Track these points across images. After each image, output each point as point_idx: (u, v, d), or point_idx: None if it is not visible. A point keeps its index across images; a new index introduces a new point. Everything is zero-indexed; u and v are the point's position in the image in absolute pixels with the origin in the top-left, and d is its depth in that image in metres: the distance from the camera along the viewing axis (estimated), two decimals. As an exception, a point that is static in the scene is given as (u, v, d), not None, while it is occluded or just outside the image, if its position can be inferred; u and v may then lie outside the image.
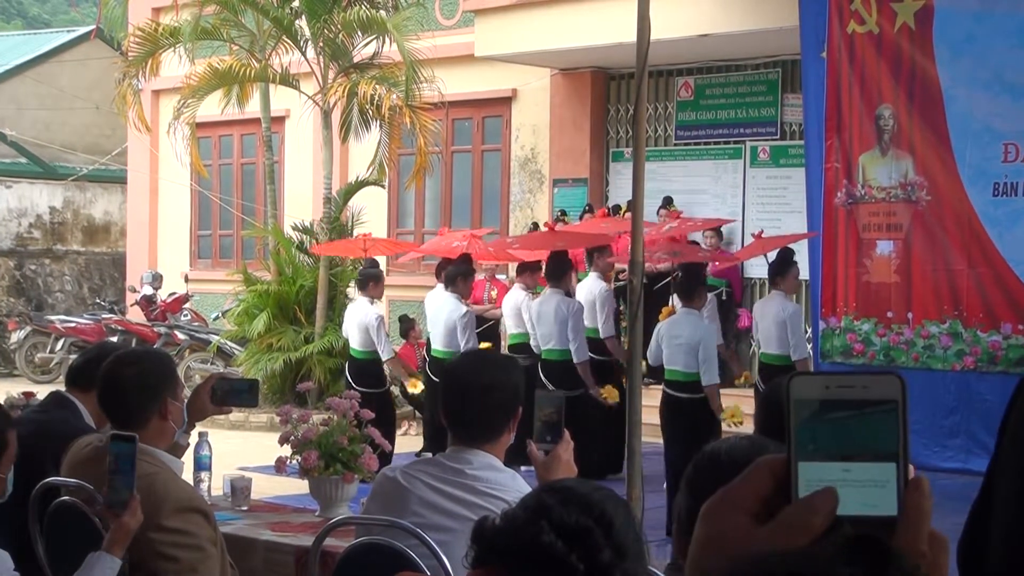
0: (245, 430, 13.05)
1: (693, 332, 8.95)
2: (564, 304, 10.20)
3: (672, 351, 9.00)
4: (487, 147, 17.14)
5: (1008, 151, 11.13)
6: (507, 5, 14.99)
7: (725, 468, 2.16)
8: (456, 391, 3.55)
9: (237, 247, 19.38)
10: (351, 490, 5.39)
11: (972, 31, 11.28)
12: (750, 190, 14.70)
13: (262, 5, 14.61)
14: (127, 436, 3.53)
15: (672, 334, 9.09)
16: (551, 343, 10.22)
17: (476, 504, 3.38)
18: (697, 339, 8.90)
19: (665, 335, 9.18)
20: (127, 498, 3.43)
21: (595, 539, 1.82)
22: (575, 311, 10.21)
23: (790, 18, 12.39)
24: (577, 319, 10.18)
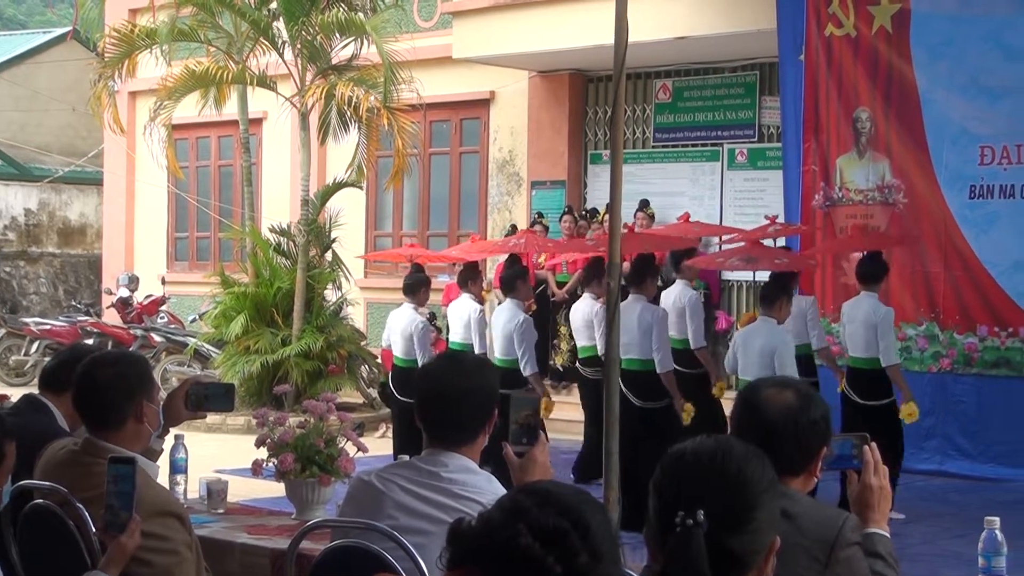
0: (222, 433, 13.01)
1: (768, 340, 8.69)
2: (648, 312, 9.50)
3: (747, 360, 8.76)
4: (465, 149, 17.13)
5: (984, 154, 11.18)
6: (485, 7, 14.98)
7: (691, 469, 2.15)
8: (432, 394, 3.54)
9: (214, 249, 19.32)
10: (327, 493, 5.37)
11: (949, 34, 11.32)
12: (727, 192, 14.73)
13: (239, 7, 14.56)
14: (126, 458, 3.51)
15: (747, 342, 8.87)
16: (632, 352, 9.39)
17: (452, 507, 3.37)
18: (772, 346, 8.63)
19: (741, 344, 8.96)
20: (126, 520, 3.41)
21: (572, 541, 1.81)
22: (660, 319, 9.55)
23: (768, 21, 12.42)
24: (662, 327, 9.52)
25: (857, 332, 9.45)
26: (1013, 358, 11.05)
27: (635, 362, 9.44)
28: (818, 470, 3.10)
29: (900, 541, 5.11)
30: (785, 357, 8.63)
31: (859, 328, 9.42)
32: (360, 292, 17.05)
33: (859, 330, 9.43)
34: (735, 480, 2.14)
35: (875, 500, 3.13)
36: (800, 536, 2.92)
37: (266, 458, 5.45)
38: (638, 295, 9.57)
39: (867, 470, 3.16)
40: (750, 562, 2.13)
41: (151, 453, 3.98)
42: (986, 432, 10.91)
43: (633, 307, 9.49)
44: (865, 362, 9.37)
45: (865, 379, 9.28)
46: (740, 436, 2.96)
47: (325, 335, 14.12)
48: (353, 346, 14.68)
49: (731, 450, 2.19)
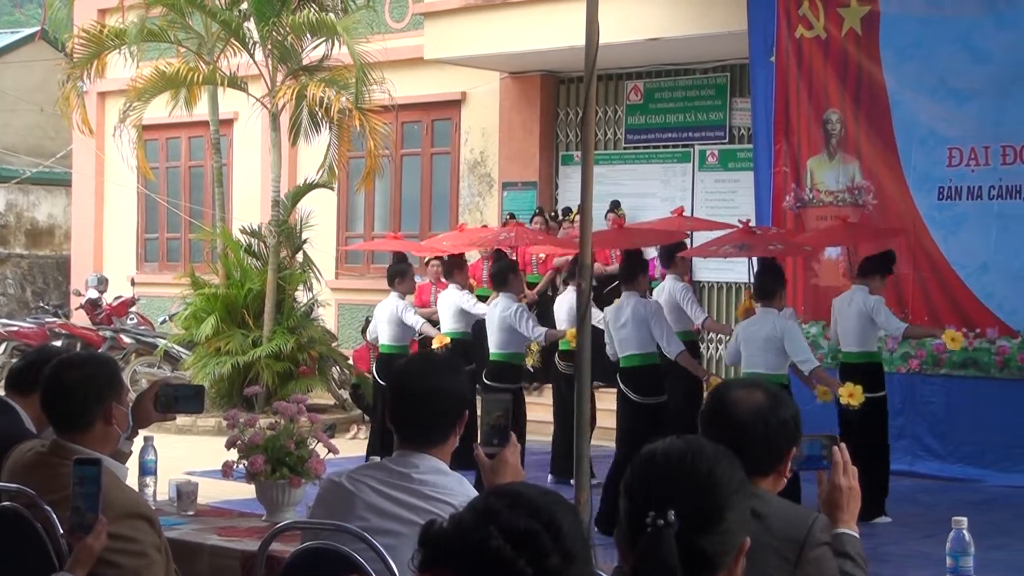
0: (192, 434, 12.95)
1: (772, 329, 8.62)
2: (641, 305, 9.49)
3: (751, 352, 8.70)
4: (436, 150, 17.12)
5: (953, 155, 11.24)
6: (456, 8, 14.97)
7: (662, 470, 2.16)
8: (402, 395, 3.53)
9: (185, 250, 19.24)
10: (298, 494, 5.35)
11: (918, 36, 11.38)
12: (698, 194, 14.76)
13: (210, 7, 14.50)
14: (92, 459, 3.50)
15: (749, 335, 8.80)
16: (630, 348, 9.43)
17: (423, 508, 3.37)
18: (778, 334, 8.58)
19: (743, 336, 8.87)
20: (92, 521, 3.40)
21: (543, 543, 1.81)
22: (654, 309, 9.54)
23: (739, 23, 12.46)
24: (659, 316, 9.48)
25: (851, 326, 9.43)
26: (980, 359, 11.12)
27: (634, 357, 9.42)
28: (788, 470, 3.11)
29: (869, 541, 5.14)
30: (795, 341, 8.60)
31: (852, 322, 9.42)
32: (331, 293, 17.01)
33: (852, 324, 9.42)
34: (706, 481, 2.15)
35: (844, 500, 3.14)
36: (770, 536, 2.92)
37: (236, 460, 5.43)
38: (630, 291, 9.59)
39: (836, 470, 3.17)
40: (720, 562, 2.13)
41: (120, 455, 3.96)
42: (954, 432, 10.97)
43: (626, 303, 9.53)
44: (858, 356, 9.38)
45: (860, 373, 9.22)
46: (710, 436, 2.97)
47: (296, 336, 14.08)
48: (324, 347, 14.64)
49: (701, 451, 2.20)
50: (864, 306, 9.35)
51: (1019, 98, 10.90)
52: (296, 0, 14.20)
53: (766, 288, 8.85)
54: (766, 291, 8.83)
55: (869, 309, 9.33)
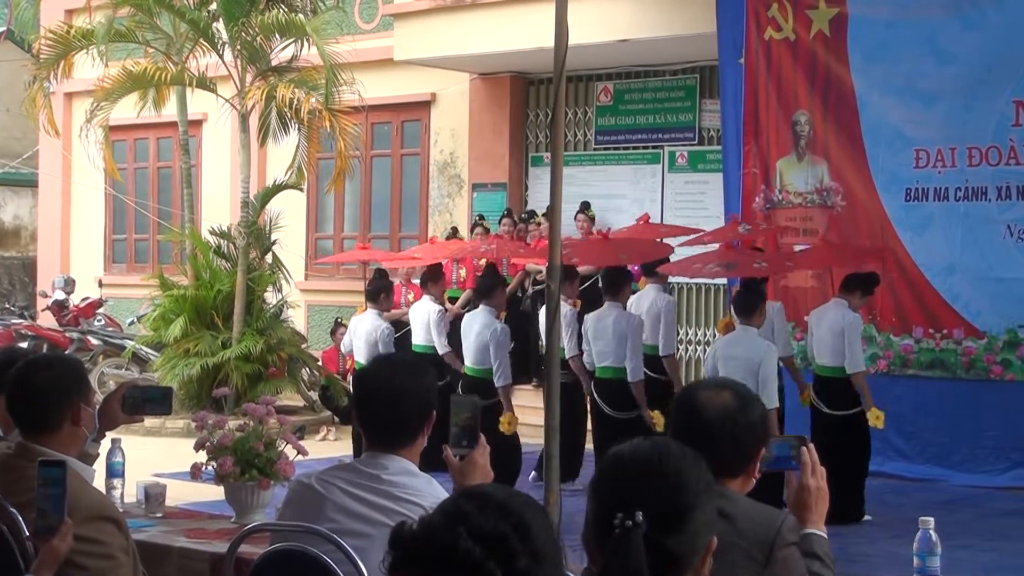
0: (161, 436, 12.89)
1: (752, 351, 8.49)
2: (623, 319, 9.48)
3: (728, 372, 8.46)
4: (406, 151, 17.10)
5: (919, 157, 11.31)
6: (426, 9, 14.96)
7: (629, 471, 2.17)
8: (370, 396, 3.53)
9: (153, 251, 19.15)
10: (267, 496, 5.35)
11: (885, 38, 11.44)
12: (668, 195, 14.80)
13: (178, 8, 14.43)
14: (56, 461, 3.47)
15: (728, 353, 8.63)
16: (608, 360, 9.44)
17: (393, 510, 3.36)
18: (757, 359, 8.44)
19: (721, 354, 8.72)
20: (57, 523, 3.38)
21: (512, 545, 1.81)
22: (635, 327, 9.51)
23: (708, 24, 12.49)
24: (636, 336, 9.49)
25: (824, 339, 9.39)
26: (947, 359, 11.19)
27: (609, 370, 9.43)
28: (756, 471, 3.12)
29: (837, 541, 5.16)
30: (769, 371, 8.45)
31: (826, 334, 9.38)
32: (301, 294, 16.96)
33: (826, 336, 9.38)
34: (673, 482, 2.16)
35: (812, 501, 3.16)
36: (738, 536, 2.93)
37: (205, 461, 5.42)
38: (613, 303, 9.55)
39: (805, 471, 3.18)
40: (688, 562, 2.14)
41: (87, 457, 3.94)
42: (922, 433, 11.03)
43: (608, 315, 9.48)
44: (832, 370, 9.33)
45: (833, 388, 9.25)
46: (678, 438, 2.98)
47: (265, 338, 14.03)
48: (294, 349, 14.60)
49: (668, 452, 2.21)
50: (841, 321, 9.30)
51: (985, 100, 10.97)
52: (265, 1, 14.15)
53: (747, 305, 8.76)
54: (746, 309, 8.75)
55: (845, 325, 9.28)
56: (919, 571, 3.89)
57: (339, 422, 13.96)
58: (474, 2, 14.57)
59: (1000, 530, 9.20)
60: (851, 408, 9.26)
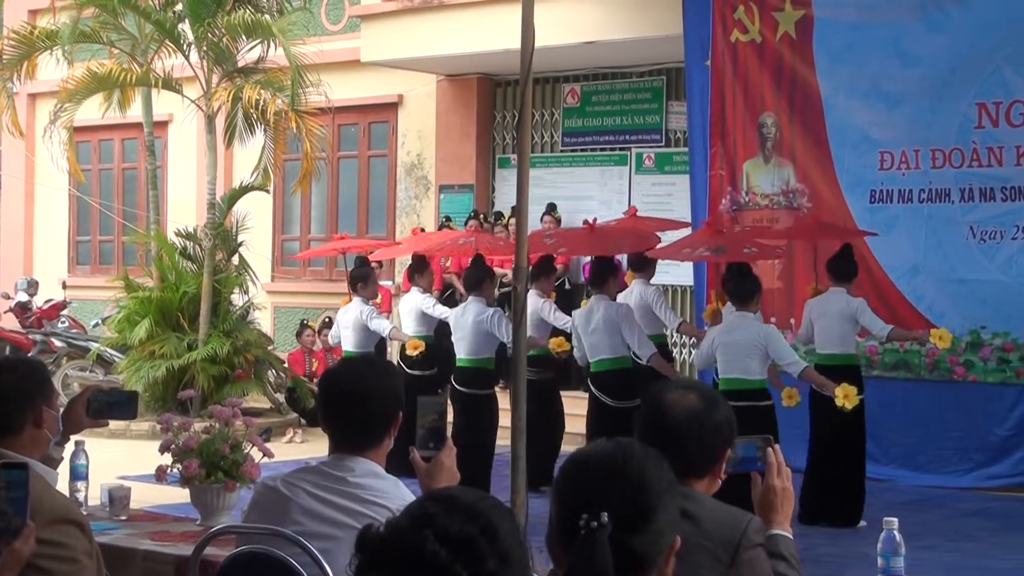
0: (126, 439, 12.81)
1: (752, 333, 8.41)
2: (611, 309, 9.42)
3: (731, 358, 8.46)
4: (373, 153, 17.07)
5: (884, 159, 11.37)
6: (393, 11, 14.95)
7: (593, 472, 2.17)
8: (336, 398, 3.51)
9: (118, 253, 19.05)
10: (233, 498, 5.33)
11: (850, 40, 11.50)
12: (635, 196, 14.82)
13: (143, 8, 14.35)
14: (19, 463, 3.44)
15: (728, 339, 8.53)
16: (601, 353, 9.38)
17: (359, 512, 3.36)
18: (761, 338, 8.38)
19: (720, 341, 8.60)
20: (19, 526, 3.35)
21: (479, 547, 1.81)
22: (624, 313, 9.45)
23: (675, 26, 12.52)
24: (629, 320, 9.40)
25: (830, 327, 9.29)
26: (911, 360, 11.25)
27: (604, 362, 9.37)
28: (722, 472, 3.13)
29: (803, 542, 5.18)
30: (779, 346, 8.42)
31: (833, 323, 9.28)
32: (267, 296, 16.91)
33: (832, 325, 9.28)
34: (636, 482, 2.17)
35: (778, 502, 3.17)
36: (704, 537, 2.94)
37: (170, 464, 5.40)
38: (600, 295, 9.50)
39: (771, 472, 3.19)
40: (652, 562, 2.15)
41: (50, 461, 3.91)
42: (886, 434, 11.08)
43: (596, 308, 9.43)
44: (839, 358, 9.21)
45: (839, 376, 9.04)
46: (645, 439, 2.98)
47: (232, 340, 13.97)
48: (260, 351, 14.55)
49: (631, 453, 2.22)
50: (847, 307, 9.24)
51: (948, 102, 11.04)
52: (231, 1, 14.09)
53: (743, 293, 8.65)
54: (743, 296, 8.64)
55: (853, 311, 9.23)
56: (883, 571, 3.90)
57: (306, 424, 13.92)
58: (441, 3, 14.56)
59: (964, 530, 9.26)
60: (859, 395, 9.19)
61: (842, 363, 9.26)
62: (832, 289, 9.47)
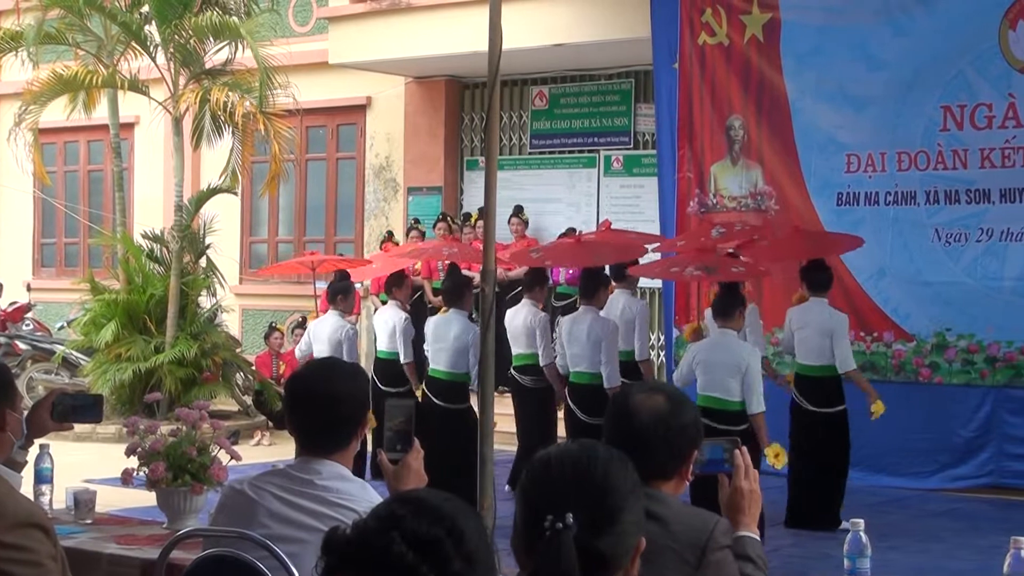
0: (92, 442, 12.74)
1: (734, 355, 8.22)
2: (599, 324, 9.29)
3: (709, 377, 8.26)
4: (341, 155, 17.04)
5: (851, 162, 11.43)
6: (361, 13, 14.93)
7: (558, 474, 2.17)
8: (303, 401, 3.51)
9: (83, 255, 18.95)
10: (200, 502, 5.30)
11: (817, 44, 11.56)
12: (604, 199, 14.86)
13: (109, 10, 14.27)
14: None
15: (709, 359, 8.32)
16: (581, 365, 9.29)
17: (326, 515, 3.35)
18: (742, 363, 8.16)
19: (700, 359, 8.40)
20: None
21: (446, 549, 1.81)
22: (610, 332, 9.32)
23: (643, 29, 12.56)
24: (612, 341, 9.29)
25: (810, 339, 9.28)
26: (878, 362, 11.31)
27: (584, 375, 9.29)
28: (689, 473, 3.14)
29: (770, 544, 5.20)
30: (754, 374, 8.19)
31: (812, 335, 9.27)
32: (235, 299, 16.85)
33: (812, 336, 9.26)
34: (601, 484, 2.17)
35: (745, 504, 3.18)
36: (670, 539, 2.95)
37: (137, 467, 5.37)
38: (588, 306, 9.40)
39: (738, 474, 3.20)
40: (618, 563, 2.15)
41: (15, 464, 3.89)
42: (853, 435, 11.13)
43: (583, 319, 9.32)
44: (818, 369, 9.22)
45: (818, 386, 9.18)
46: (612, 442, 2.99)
47: (199, 342, 13.92)
48: (228, 353, 14.50)
49: (596, 455, 2.22)
50: (828, 321, 9.24)
51: (914, 105, 11.11)
52: (199, 3, 14.03)
53: (726, 308, 8.49)
54: (726, 311, 8.47)
55: (832, 328, 9.21)
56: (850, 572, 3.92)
57: (273, 427, 13.88)
58: (409, 5, 14.55)
59: (930, 531, 9.31)
60: (835, 406, 9.22)
61: (822, 374, 9.27)
62: (812, 299, 9.45)
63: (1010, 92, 10.73)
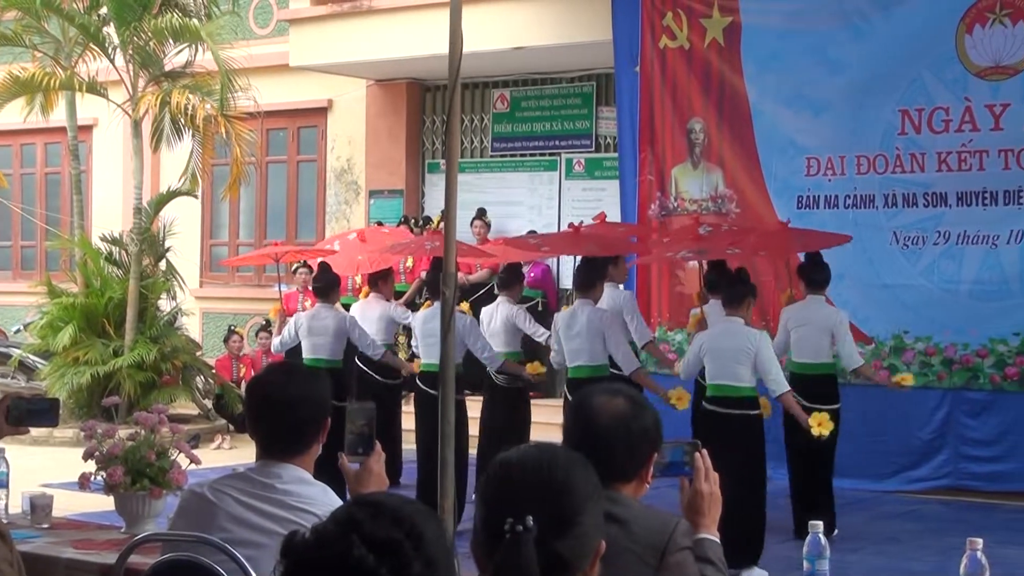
0: (49, 446, 12.65)
1: (743, 341, 8.17)
2: (597, 315, 9.17)
3: (719, 364, 8.24)
4: (303, 158, 16.99)
5: (811, 165, 11.50)
6: (322, 15, 14.89)
7: (518, 477, 2.17)
8: (263, 404, 3.49)
9: (40, 258, 18.80)
10: (159, 506, 5.27)
11: (776, 48, 11.62)
12: (565, 202, 14.87)
13: (67, 12, 14.18)
14: None
15: (718, 346, 8.30)
16: (580, 359, 9.15)
17: (286, 519, 3.33)
18: (752, 347, 8.14)
19: (709, 347, 8.36)
20: None
21: (405, 552, 1.81)
22: (609, 321, 9.21)
23: (604, 32, 12.59)
24: (615, 329, 9.18)
25: (810, 336, 9.23)
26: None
27: (583, 369, 9.15)
28: (650, 476, 3.14)
29: (731, 544, 5.21)
30: (768, 358, 8.20)
31: (812, 332, 9.22)
32: (196, 302, 16.76)
33: (812, 334, 9.22)
34: (562, 486, 2.17)
35: (706, 506, 3.18)
36: (631, 541, 2.95)
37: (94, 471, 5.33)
38: (585, 300, 9.30)
39: (698, 476, 3.21)
40: (578, 566, 2.15)
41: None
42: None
43: (581, 312, 9.22)
44: (816, 367, 9.15)
45: (814, 384, 9.12)
46: (572, 444, 2.99)
47: (159, 346, 13.85)
48: (188, 357, 14.42)
49: (556, 457, 2.22)
50: (830, 319, 9.21)
51: (872, 109, 11.18)
52: (158, 5, 13.95)
53: (737, 297, 8.44)
54: (736, 300, 8.43)
55: (834, 324, 9.19)
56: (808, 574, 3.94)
57: (234, 430, 13.82)
58: (370, 8, 14.53)
59: (889, 533, 9.36)
60: (832, 403, 9.09)
61: (818, 372, 9.21)
62: (810, 297, 9.41)
63: (966, 96, 10.82)
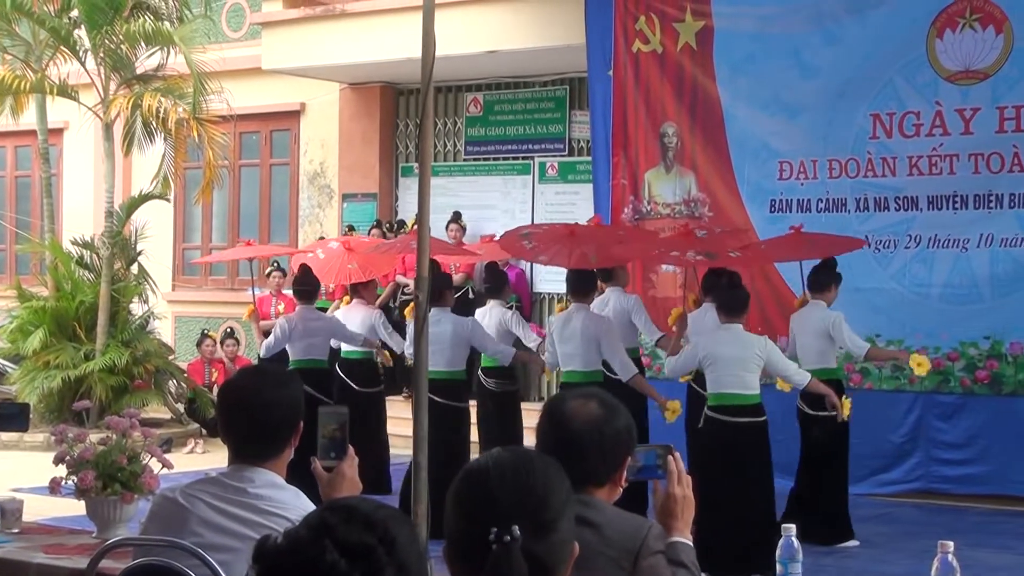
0: (19, 450, 12.55)
1: (749, 347, 8.14)
2: (592, 321, 9.07)
3: (724, 373, 8.19)
4: (275, 161, 16.95)
5: (783, 169, 11.53)
6: (294, 19, 14.86)
7: (494, 483, 2.16)
8: (235, 408, 3.48)
9: (10, 262, 18.69)
10: (130, 510, 5.25)
11: (750, 52, 11.65)
12: (539, 206, 14.88)
13: (38, 15, 14.10)
14: None
15: (721, 354, 8.20)
16: (574, 364, 9.04)
17: (258, 523, 3.32)
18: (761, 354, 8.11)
19: (711, 355, 8.27)
20: None
21: (378, 557, 1.80)
22: (606, 327, 9.10)
23: (577, 36, 12.60)
24: (611, 336, 9.04)
25: (808, 343, 9.25)
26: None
27: (576, 374, 9.03)
28: (623, 480, 3.15)
29: (704, 547, 5.22)
30: (780, 359, 8.24)
31: (809, 338, 9.23)
32: (168, 306, 16.70)
33: (809, 340, 9.23)
34: (542, 493, 2.16)
35: (679, 509, 3.19)
36: (604, 545, 2.95)
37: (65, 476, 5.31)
38: (580, 304, 9.21)
39: (671, 480, 3.21)
40: (556, 571, 2.15)
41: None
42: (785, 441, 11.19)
43: (576, 316, 9.11)
44: (818, 373, 9.03)
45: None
46: (545, 448, 2.99)
47: (131, 350, 13.78)
48: (160, 360, 14.36)
49: (532, 463, 2.22)
50: (823, 322, 9.18)
51: (844, 113, 11.23)
52: (129, 8, 13.89)
53: (736, 304, 8.40)
54: (736, 307, 8.38)
55: (828, 325, 9.15)
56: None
57: (206, 434, 13.77)
58: (343, 12, 14.51)
59: (861, 536, 9.38)
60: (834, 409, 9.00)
61: (822, 378, 9.06)
62: (811, 302, 9.42)
63: (937, 100, 10.87)
